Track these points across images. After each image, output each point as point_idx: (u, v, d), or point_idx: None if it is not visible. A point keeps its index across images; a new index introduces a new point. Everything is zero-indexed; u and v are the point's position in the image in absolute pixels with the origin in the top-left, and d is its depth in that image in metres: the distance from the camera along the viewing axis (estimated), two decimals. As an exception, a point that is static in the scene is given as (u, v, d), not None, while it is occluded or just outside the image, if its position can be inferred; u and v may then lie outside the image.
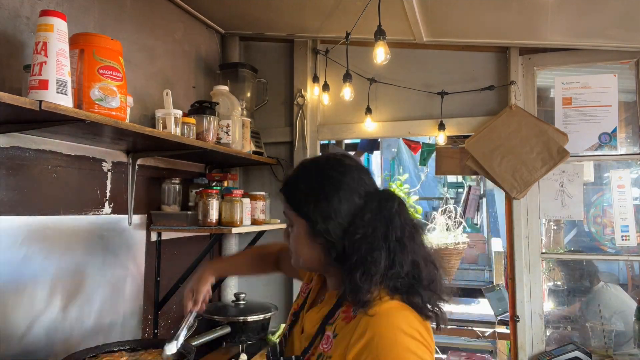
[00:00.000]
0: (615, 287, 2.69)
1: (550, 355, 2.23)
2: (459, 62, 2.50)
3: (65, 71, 1.24)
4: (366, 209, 1.01)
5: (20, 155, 1.49)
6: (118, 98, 1.41)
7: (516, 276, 2.35)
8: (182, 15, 2.36)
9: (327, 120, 2.69)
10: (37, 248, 1.54)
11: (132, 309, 1.98)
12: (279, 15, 2.42)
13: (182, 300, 1.46)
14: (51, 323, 1.60)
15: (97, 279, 1.79)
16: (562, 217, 2.40)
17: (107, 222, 1.85)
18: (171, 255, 2.24)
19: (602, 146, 2.31)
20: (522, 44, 2.37)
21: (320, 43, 2.68)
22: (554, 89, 2.40)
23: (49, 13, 1.24)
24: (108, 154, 1.85)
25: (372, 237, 0.97)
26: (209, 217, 2.02)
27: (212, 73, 2.59)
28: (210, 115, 2.01)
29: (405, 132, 2.61)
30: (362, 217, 0.99)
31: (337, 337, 0.99)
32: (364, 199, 1.02)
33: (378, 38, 1.83)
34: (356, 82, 2.43)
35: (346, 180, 1.03)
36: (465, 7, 2.09)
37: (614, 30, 2.14)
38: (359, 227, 0.98)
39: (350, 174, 1.04)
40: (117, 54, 1.44)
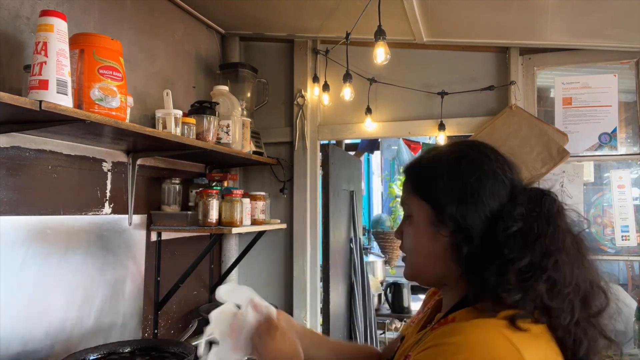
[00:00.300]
0: (616, 287, 2.69)
1: (551, 356, 2.22)
2: (459, 62, 2.50)
3: (65, 71, 1.24)
4: (516, 200, 0.80)
5: (20, 155, 1.49)
6: (118, 98, 1.41)
7: (516, 276, 2.34)
8: (182, 15, 2.36)
9: (327, 120, 2.69)
10: (37, 248, 1.54)
11: (132, 309, 1.98)
12: (279, 15, 2.42)
13: None
14: (51, 323, 1.60)
15: (97, 279, 1.79)
16: (562, 217, 2.39)
17: (107, 222, 1.85)
18: (171, 255, 2.24)
19: (602, 146, 2.31)
20: (522, 44, 2.37)
21: (321, 43, 2.68)
22: (554, 89, 2.41)
23: (49, 13, 1.24)
24: (108, 154, 1.85)
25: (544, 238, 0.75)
26: (209, 217, 2.02)
27: (212, 73, 2.59)
28: (211, 115, 2.01)
29: (406, 133, 2.61)
30: (513, 209, 0.78)
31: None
32: (510, 191, 0.82)
33: (378, 38, 1.83)
34: (356, 82, 2.43)
35: (487, 161, 0.84)
36: (465, 7, 2.09)
37: (614, 31, 2.14)
38: (512, 219, 0.77)
39: (492, 157, 0.85)
40: (117, 54, 1.44)
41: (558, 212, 0.79)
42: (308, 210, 2.63)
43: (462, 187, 0.81)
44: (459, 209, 0.79)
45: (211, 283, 2.57)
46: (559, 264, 0.74)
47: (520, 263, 0.73)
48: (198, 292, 2.47)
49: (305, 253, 2.61)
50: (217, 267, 2.64)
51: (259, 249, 2.57)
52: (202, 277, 2.52)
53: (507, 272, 0.73)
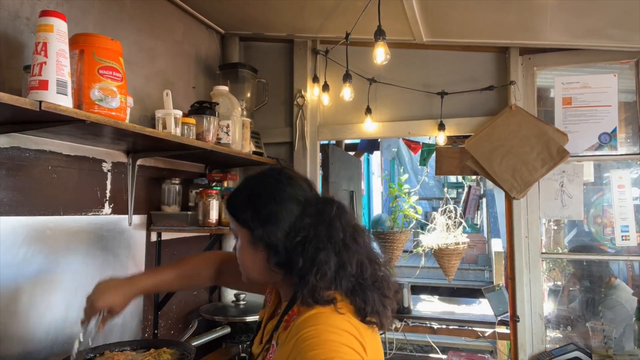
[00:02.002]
0: (618, 281, 2.69)
1: (551, 356, 2.23)
2: (458, 62, 2.50)
3: (65, 71, 1.24)
4: (305, 213, 1.04)
5: (20, 155, 1.49)
6: (118, 98, 1.41)
7: (516, 276, 2.35)
8: (182, 15, 2.36)
9: (327, 120, 2.69)
10: (37, 248, 1.54)
11: (132, 310, 1.98)
12: (278, 15, 2.42)
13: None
14: (51, 323, 1.60)
15: (97, 279, 1.78)
16: (562, 217, 2.40)
17: (107, 222, 1.85)
18: (171, 256, 2.24)
19: (602, 146, 2.31)
20: (522, 44, 2.37)
21: (320, 43, 2.68)
22: (554, 89, 2.40)
23: (48, 13, 1.24)
24: (108, 154, 1.85)
25: (316, 240, 1.00)
26: (209, 217, 2.02)
27: (212, 73, 2.59)
28: (210, 115, 2.01)
29: (405, 133, 2.61)
30: (302, 221, 1.03)
31: (279, 346, 1.01)
32: (302, 205, 1.05)
33: (378, 38, 1.83)
34: (356, 82, 2.43)
35: (282, 187, 1.07)
36: (465, 7, 2.09)
37: (613, 30, 2.14)
38: (300, 230, 1.01)
39: (288, 182, 1.09)
40: (117, 54, 1.44)
41: (336, 215, 1.04)
42: (308, 210, 2.63)
43: (264, 212, 1.04)
44: (265, 231, 1.03)
45: (211, 283, 2.57)
46: (327, 256, 0.98)
47: (298, 266, 0.99)
48: (198, 293, 2.47)
49: (305, 253, 2.61)
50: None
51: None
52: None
53: (292, 274, 1.00)
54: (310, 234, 1.01)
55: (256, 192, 1.09)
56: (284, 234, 1.02)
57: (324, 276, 0.97)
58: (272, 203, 1.05)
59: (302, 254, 0.99)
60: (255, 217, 1.05)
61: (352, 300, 1.00)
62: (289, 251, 1.01)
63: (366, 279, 1.02)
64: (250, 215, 1.06)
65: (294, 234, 1.02)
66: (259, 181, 1.12)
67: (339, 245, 1.01)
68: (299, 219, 1.03)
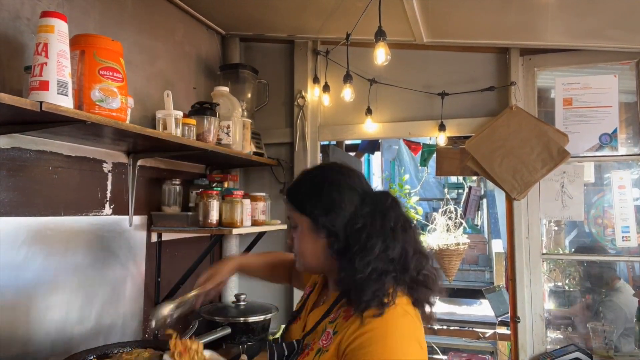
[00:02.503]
0: (622, 282, 2.69)
1: (551, 356, 2.22)
2: (459, 62, 2.50)
3: (65, 72, 1.24)
4: (364, 203, 1.10)
5: (21, 156, 1.50)
6: (118, 99, 1.41)
7: (517, 277, 2.34)
8: (183, 16, 2.36)
9: (327, 121, 2.69)
10: (37, 249, 1.54)
11: (133, 310, 1.98)
12: (279, 16, 2.42)
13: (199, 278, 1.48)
14: (52, 324, 1.60)
15: (98, 279, 1.79)
16: (563, 217, 2.39)
17: (108, 223, 1.85)
18: (171, 256, 2.24)
19: (602, 147, 2.31)
20: (523, 44, 2.37)
21: (321, 44, 2.68)
22: (554, 89, 2.40)
23: (49, 14, 1.24)
24: (108, 154, 1.86)
25: (371, 228, 1.06)
26: (209, 218, 2.02)
27: (212, 74, 2.59)
28: (211, 116, 2.01)
29: (406, 133, 2.61)
30: (361, 210, 1.09)
31: (336, 334, 1.04)
32: (361, 196, 1.12)
33: (378, 39, 1.83)
34: (357, 83, 2.43)
35: (344, 179, 1.14)
36: (465, 8, 2.09)
37: (614, 31, 2.14)
38: (359, 218, 1.07)
39: (348, 175, 1.16)
40: (118, 55, 1.44)
41: (390, 206, 1.10)
42: (308, 211, 2.63)
43: (327, 201, 1.10)
44: (328, 218, 1.09)
45: (211, 284, 2.57)
46: (375, 243, 1.04)
47: (352, 250, 1.05)
48: (198, 293, 2.46)
49: (306, 254, 2.61)
50: (217, 267, 2.64)
51: (259, 250, 2.57)
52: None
53: (348, 259, 1.05)
54: (367, 222, 1.06)
55: (318, 182, 1.15)
56: (345, 222, 1.08)
57: (366, 259, 1.03)
58: (334, 192, 1.11)
59: (358, 240, 1.05)
60: (318, 205, 1.11)
61: (395, 285, 1.05)
62: (348, 238, 1.07)
63: (408, 268, 1.07)
64: (313, 204, 1.12)
65: (353, 222, 1.07)
66: (320, 173, 1.20)
67: (387, 233, 1.06)
68: (358, 208, 1.09)
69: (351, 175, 1.16)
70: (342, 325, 1.04)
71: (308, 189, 1.15)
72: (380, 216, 1.08)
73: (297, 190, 1.18)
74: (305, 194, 1.15)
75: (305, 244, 1.15)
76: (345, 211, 1.09)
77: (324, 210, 1.10)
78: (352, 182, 1.14)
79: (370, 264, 1.03)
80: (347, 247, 1.07)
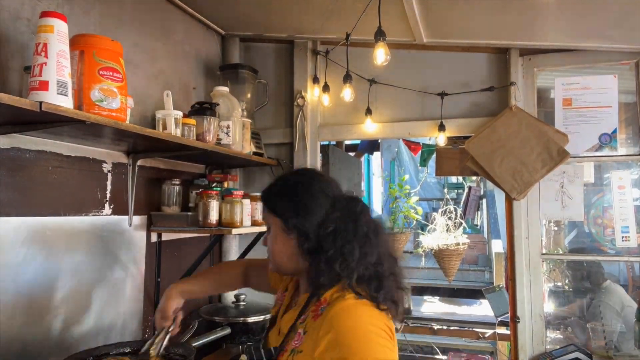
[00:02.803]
0: (614, 285, 2.70)
1: (551, 356, 2.23)
2: (459, 63, 2.50)
3: (65, 72, 1.24)
4: (335, 207, 1.17)
5: (20, 156, 1.50)
6: (118, 99, 1.41)
7: (516, 277, 2.35)
8: (182, 16, 2.36)
9: (327, 121, 2.69)
10: (37, 249, 1.54)
11: (132, 310, 1.98)
12: (279, 16, 2.42)
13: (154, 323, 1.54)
14: (51, 324, 1.60)
15: (97, 279, 1.79)
16: (563, 218, 2.40)
17: (108, 223, 1.85)
18: (171, 256, 2.24)
19: (602, 147, 2.31)
20: (522, 45, 2.37)
21: (321, 44, 2.68)
22: (554, 89, 2.40)
23: (49, 14, 1.24)
24: (108, 155, 1.86)
25: (345, 232, 1.12)
26: (209, 218, 2.02)
27: (212, 74, 2.59)
28: (211, 116, 2.01)
29: (406, 133, 2.61)
30: (332, 214, 1.15)
31: (306, 334, 1.10)
32: (332, 200, 1.18)
33: (378, 39, 1.83)
34: (356, 83, 2.43)
35: (314, 183, 1.21)
36: (465, 8, 2.10)
37: (613, 31, 2.14)
38: (331, 222, 1.14)
39: (318, 180, 1.22)
40: (118, 55, 1.44)
41: (361, 211, 1.17)
42: (308, 211, 2.63)
43: (299, 204, 1.17)
44: (298, 220, 1.16)
45: (211, 284, 2.57)
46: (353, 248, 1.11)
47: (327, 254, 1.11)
48: (198, 293, 2.47)
49: (306, 254, 2.61)
50: (217, 268, 2.64)
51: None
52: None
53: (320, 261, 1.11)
54: (339, 227, 1.13)
55: (291, 185, 1.22)
56: (316, 224, 1.15)
57: (346, 266, 1.10)
58: (305, 196, 1.18)
59: (333, 243, 1.11)
60: (290, 207, 1.18)
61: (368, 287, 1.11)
62: (319, 240, 1.13)
63: (385, 270, 1.14)
64: (285, 206, 1.19)
65: (325, 225, 1.14)
66: (294, 177, 1.27)
67: (363, 239, 1.13)
68: (329, 212, 1.16)
69: (323, 180, 1.23)
70: (312, 325, 1.09)
71: (280, 191, 1.23)
72: (352, 221, 1.14)
73: (270, 192, 1.25)
74: (278, 196, 1.22)
75: (277, 244, 1.21)
76: (315, 214, 1.15)
77: (294, 211, 1.17)
78: (323, 186, 1.20)
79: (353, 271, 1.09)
80: (319, 249, 1.13)
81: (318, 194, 1.18)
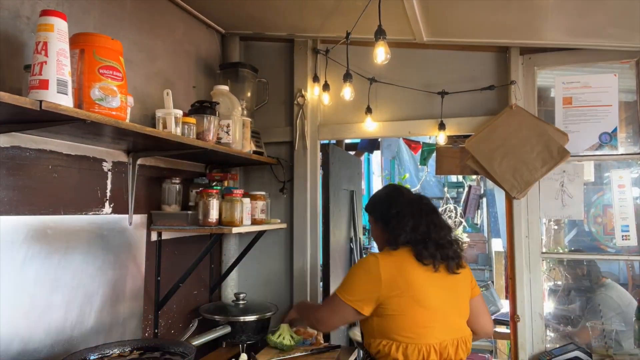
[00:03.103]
0: (617, 285, 2.70)
1: (551, 355, 2.23)
2: (459, 61, 2.50)
3: (65, 71, 1.24)
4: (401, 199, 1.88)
5: (20, 155, 1.50)
6: (118, 98, 1.41)
7: (516, 276, 2.35)
8: (182, 15, 2.36)
9: (327, 120, 2.69)
10: (37, 248, 1.54)
11: (133, 309, 1.98)
12: (279, 15, 2.42)
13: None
14: (51, 323, 1.60)
15: (97, 278, 1.79)
16: (563, 217, 2.40)
17: (108, 221, 1.85)
18: (171, 255, 2.24)
19: (602, 146, 2.31)
20: (523, 43, 2.37)
21: (321, 43, 2.68)
22: (554, 88, 2.40)
23: (49, 13, 1.24)
24: (108, 153, 1.85)
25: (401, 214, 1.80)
26: (209, 216, 2.02)
27: (212, 73, 2.59)
28: (211, 115, 2.01)
29: (406, 132, 2.61)
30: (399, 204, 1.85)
31: None
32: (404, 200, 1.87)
33: (378, 38, 1.82)
34: (356, 81, 2.43)
35: (394, 194, 1.92)
36: (465, 6, 2.09)
37: (614, 30, 2.14)
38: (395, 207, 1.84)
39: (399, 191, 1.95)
40: (118, 53, 1.44)
41: (419, 198, 1.90)
42: (308, 210, 2.63)
43: (386, 208, 1.87)
44: (382, 217, 1.88)
45: (211, 283, 2.57)
46: (407, 219, 1.78)
47: (391, 224, 1.81)
48: (198, 292, 2.47)
49: (306, 253, 2.62)
50: (217, 266, 2.64)
51: (259, 249, 2.57)
52: (203, 276, 2.52)
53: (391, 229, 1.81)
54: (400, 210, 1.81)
55: (380, 198, 1.97)
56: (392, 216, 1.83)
57: (398, 232, 1.75)
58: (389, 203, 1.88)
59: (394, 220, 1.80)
60: (379, 211, 1.91)
61: (415, 248, 1.72)
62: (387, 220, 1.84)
63: (431, 237, 1.73)
64: (377, 210, 1.93)
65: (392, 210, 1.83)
66: (383, 192, 2.01)
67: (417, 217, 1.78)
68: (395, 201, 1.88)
69: (402, 192, 1.94)
70: None
71: (375, 202, 1.97)
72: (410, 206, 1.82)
73: (370, 203, 2.00)
74: (373, 205, 1.98)
75: (375, 232, 1.94)
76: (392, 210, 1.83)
77: (381, 213, 1.88)
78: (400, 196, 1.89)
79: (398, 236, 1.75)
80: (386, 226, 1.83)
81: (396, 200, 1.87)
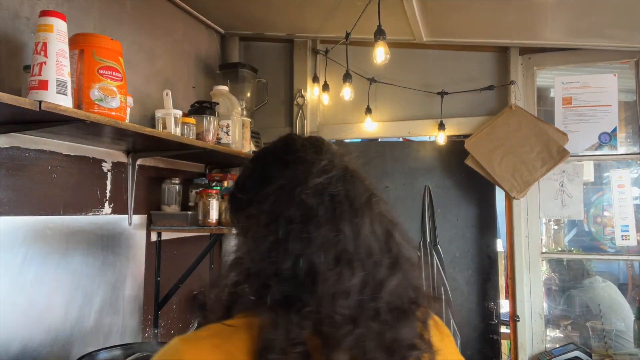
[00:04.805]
0: (608, 283, 2.69)
1: (551, 355, 2.23)
2: (458, 61, 2.50)
3: (65, 71, 1.24)
4: None
5: (20, 155, 1.49)
6: (118, 98, 1.41)
7: (516, 276, 2.35)
8: (182, 15, 2.36)
9: (327, 120, 2.68)
10: (37, 248, 1.54)
11: (132, 309, 1.98)
12: (278, 15, 2.42)
13: None
14: (51, 323, 1.60)
15: (97, 279, 1.79)
16: (562, 216, 2.40)
17: (107, 222, 1.85)
18: (171, 256, 2.24)
19: (602, 146, 2.31)
20: (522, 43, 2.37)
21: (320, 43, 2.68)
22: (554, 88, 2.41)
23: (48, 13, 1.23)
24: (108, 154, 1.85)
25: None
26: (209, 217, 2.02)
27: (212, 73, 2.59)
28: (210, 115, 2.00)
29: (405, 132, 2.61)
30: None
31: None
32: None
33: (378, 38, 1.82)
34: (356, 82, 2.43)
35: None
36: (465, 7, 2.09)
37: (613, 30, 2.14)
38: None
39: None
40: (117, 54, 1.44)
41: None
42: (308, 210, 2.63)
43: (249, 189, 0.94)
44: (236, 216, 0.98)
45: (211, 283, 2.57)
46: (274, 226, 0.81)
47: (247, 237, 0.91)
48: (198, 292, 2.47)
49: (305, 253, 2.61)
50: (217, 267, 2.64)
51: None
52: (202, 277, 2.51)
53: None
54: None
55: None
56: None
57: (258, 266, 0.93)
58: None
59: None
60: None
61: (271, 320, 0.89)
62: None
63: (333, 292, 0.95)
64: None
65: None
66: None
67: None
68: None
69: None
70: None
71: None
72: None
73: None
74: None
75: None
76: None
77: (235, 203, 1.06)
78: None
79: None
80: None
81: None
